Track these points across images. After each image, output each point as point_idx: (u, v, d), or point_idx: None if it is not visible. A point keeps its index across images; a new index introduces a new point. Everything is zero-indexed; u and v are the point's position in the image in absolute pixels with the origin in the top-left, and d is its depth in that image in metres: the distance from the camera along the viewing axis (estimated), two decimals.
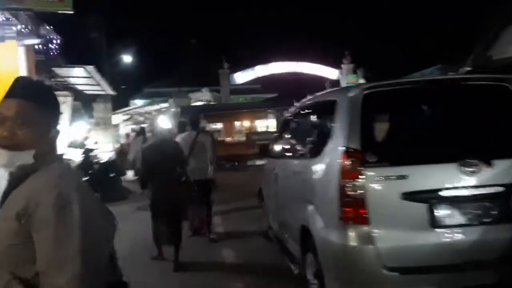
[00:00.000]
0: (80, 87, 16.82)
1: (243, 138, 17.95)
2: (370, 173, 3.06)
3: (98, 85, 15.31)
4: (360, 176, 3.06)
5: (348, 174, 3.09)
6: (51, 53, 9.40)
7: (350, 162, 3.09)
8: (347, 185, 3.07)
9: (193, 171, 6.35)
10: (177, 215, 5.57)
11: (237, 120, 20.81)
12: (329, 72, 26.02)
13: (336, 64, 26.20)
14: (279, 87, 31.80)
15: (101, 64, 22.94)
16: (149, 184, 5.65)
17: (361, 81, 26.01)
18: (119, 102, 27.60)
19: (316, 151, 3.66)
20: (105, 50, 24.04)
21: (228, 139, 18.36)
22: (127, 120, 23.64)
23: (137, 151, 11.85)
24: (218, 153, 7.91)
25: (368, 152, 3.09)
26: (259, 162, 18.16)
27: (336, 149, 3.26)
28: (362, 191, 3.05)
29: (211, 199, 6.91)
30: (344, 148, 3.14)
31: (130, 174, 15.78)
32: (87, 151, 14.04)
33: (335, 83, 26.56)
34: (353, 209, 3.07)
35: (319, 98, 4.05)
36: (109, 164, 14.27)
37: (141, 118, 23.94)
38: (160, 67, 48.11)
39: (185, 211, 5.99)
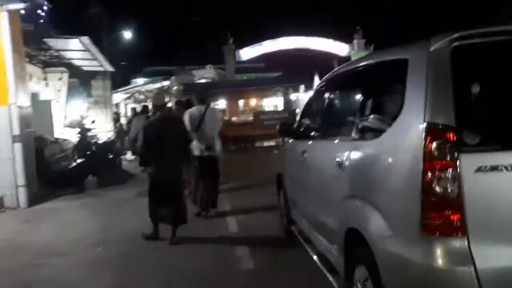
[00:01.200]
0: (76, 63, 15.79)
1: (250, 118, 16.84)
2: (469, 160, 2.07)
3: (96, 59, 14.21)
4: (454, 165, 2.07)
5: (435, 162, 2.09)
6: (40, 20, 8.34)
7: (439, 145, 2.10)
8: (434, 178, 2.09)
9: (201, 147, 6.41)
10: (179, 194, 5.47)
11: (244, 98, 19.68)
12: (339, 48, 24.77)
13: (346, 40, 24.94)
14: (284, 65, 30.60)
15: (100, 40, 21.88)
16: (151, 162, 5.48)
17: None
18: (119, 81, 26.63)
19: (375, 130, 2.66)
20: (104, 26, 22.92)
21: (234, 118, 17.25)
22: (127, 98, 22.62)
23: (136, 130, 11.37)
24: (223, 134, 7.48)
25: (465, 130, 2.09)
26: (267, 144, 17.23)
27: (412, 126, 2.26)
28: (457, 188, 2.07)
29: (218, 175, 6.85)
30: (427, 124, 2.14)
31: (129, 154, 14.89)
32: (84, 131, 13.09)
33: (345, 59, 25.38)
34: (442, 214, 2.09)
35: (374, 59, 2.99)
36: (108, 145, 13.33)
37: (142, 97, 22.93)
38: (162, 46, 46.75)
39: (184, 188, 5.93)
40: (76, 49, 11.90)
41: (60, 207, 7.98)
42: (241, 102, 20.19)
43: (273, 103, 20.07)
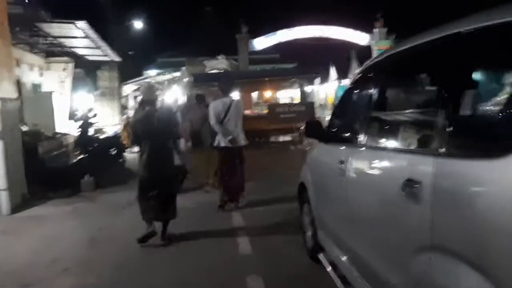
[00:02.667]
0: (80, 52, 14.82)
1: (265, 111, 15.66)
2: None
3: (99, 48, 13.19)
4: None
5: None
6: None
7: None
8: None
9: (226, 139, 6.45)
10: (169, 189, 5.30)
11: (257, 90, 18.42)
12: (359, 37, 23.37)
13: (366, 29, 23.51)
14: (299, 57, 29.34)
15: (108, 30, 20.91)
16: (139, 156, 5.39)
17: None
18: (131, 72, 25.70)
19: (493, 142, 1.53)
20: (112, 15, 21.92)
21: (247, 111, 16.05)
22: (136, 90, 21.62)
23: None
24: None
25: None
26: (283, 139, 16.04)
27: None
28: None
29: (243, 166, 6.72)
30: None
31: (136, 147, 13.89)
32: (85, 125, 12.10)
33: (364, 49, 24.00)
34: None
35: (472, 25, 1.80)
36: (111, 140, 12.28)
37: None
38: (175, 37, 45.76)
39: (177, 184, 5.71)
40: (75, 35, 10.88)
41: (47, 214, 6.97)
42: (254, 94, 19.00)
43: (288, 95, 18.86)
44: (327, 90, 43.88)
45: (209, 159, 7.56)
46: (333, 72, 29.99)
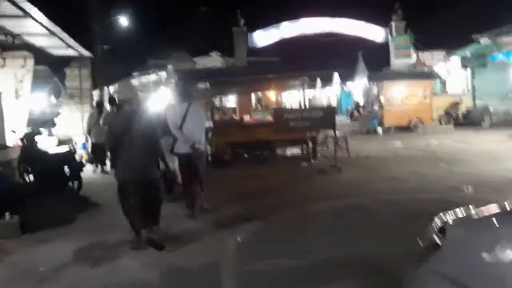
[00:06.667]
0: (36, 42, 11.89)
1: (269, 117, 12.63)
2: None
3: (54, 34, 10.25)
4: None
5: None
6: None
7: None
8: None
9: (185, 145, 6.32)
10: (151, 194, 4.98)
11: (258, 91, 15.23)
12: (373, 32, 20.46)
13: (382, 23, 20.59)
14: (300, 60, 26.61)
15: (91, 28, 18.07)
16: (116, 163, 5.11)
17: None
18: (118, 74, 23.02)
19: None
20: (94, 9, 19.00)
21: (247, 118, 12.99)
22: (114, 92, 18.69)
23: (89, 126, 11.11)
24: (234, 139, 7.32)
25: None
26: (291, 151, 12.90)
27: None
28: None
29: (202, 172, 6.43)
30: None
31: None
32: (30, 135, 9.13)
33: (379, 46, 21.18)
34: None
35: None
36: (65, 155, 9.15)
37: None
38: (168, 38, 42.82)
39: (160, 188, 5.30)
40: (8, 14, 7.90)
41: None
42: (256, 96, 15.89)
43: (299, 97, 15.77)
44: (329, 95, 40.88)
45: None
46: (336, 75, 27.13)
